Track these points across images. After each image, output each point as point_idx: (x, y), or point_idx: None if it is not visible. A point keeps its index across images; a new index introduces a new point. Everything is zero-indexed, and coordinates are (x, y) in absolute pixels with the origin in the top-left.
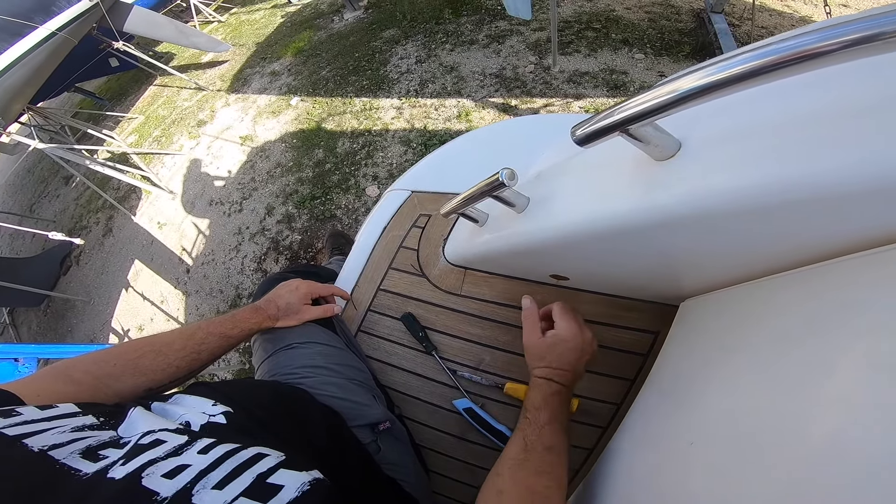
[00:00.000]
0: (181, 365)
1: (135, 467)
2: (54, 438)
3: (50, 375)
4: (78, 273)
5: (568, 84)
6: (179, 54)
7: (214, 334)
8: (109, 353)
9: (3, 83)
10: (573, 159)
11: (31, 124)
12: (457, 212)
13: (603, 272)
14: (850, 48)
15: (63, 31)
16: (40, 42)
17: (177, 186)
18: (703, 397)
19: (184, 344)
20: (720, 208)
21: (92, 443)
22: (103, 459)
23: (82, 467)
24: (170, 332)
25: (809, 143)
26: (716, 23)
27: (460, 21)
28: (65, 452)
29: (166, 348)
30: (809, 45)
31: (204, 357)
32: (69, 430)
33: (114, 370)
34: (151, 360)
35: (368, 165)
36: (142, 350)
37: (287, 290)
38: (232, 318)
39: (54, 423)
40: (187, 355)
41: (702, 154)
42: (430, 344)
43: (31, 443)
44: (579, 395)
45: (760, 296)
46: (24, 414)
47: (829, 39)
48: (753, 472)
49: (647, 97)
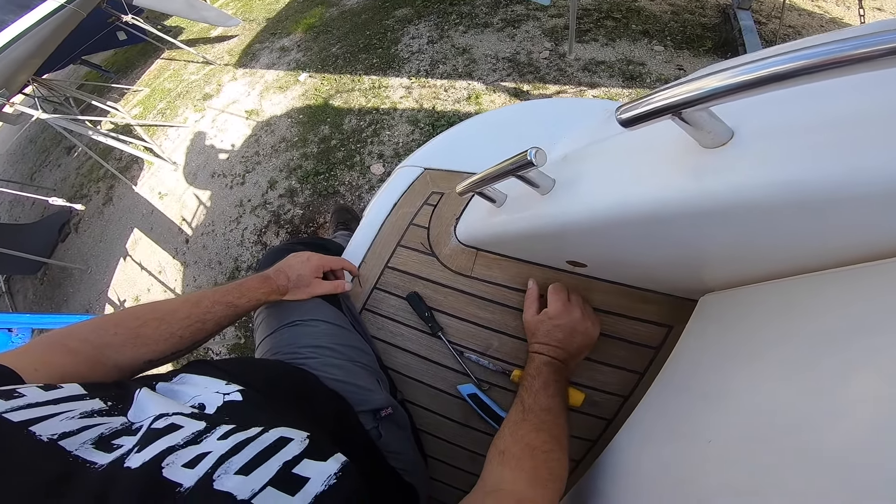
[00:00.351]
0: (185, 335)
1: (152, 455)
2: (64, 426)
3: (45, 345)
4: (76, 241)
5: (583, 72)
6: (188, 28)
7: (221, 303)
8: (109, 321)
9: (10, 55)
10: (607, 142)
11: (35, 95)
12: (475, 190)
13: (623, 261)
14: None
15: (72, 3)
16: (49, 14)
17: (179, 158)
18: (724, 395)
19: (188, 312)
20: (771, 200)
21: (104, 431)
22: (118, 449)
23: (97, 459)
24: (173, 300)
25: (866, 140)
26: (742, 19)
27: (475, 3)
28: (76, 442)
29: (170, 316)
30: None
31: (209, 327)
32: (78, 415)
33: (114, 339)
34: (154, 329)
35: (374, 143)
36: (144, 318)
37: (298, 262)
38: (239, 286)
39: (61, 407)
40: (192, 324)
41: (755, 144)
42: (436, 325)
43: (39, 430)
44: (587, 387)
45: (796, 294)
46: (27, 396)
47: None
48: (776, 472)
49: (707, 81)
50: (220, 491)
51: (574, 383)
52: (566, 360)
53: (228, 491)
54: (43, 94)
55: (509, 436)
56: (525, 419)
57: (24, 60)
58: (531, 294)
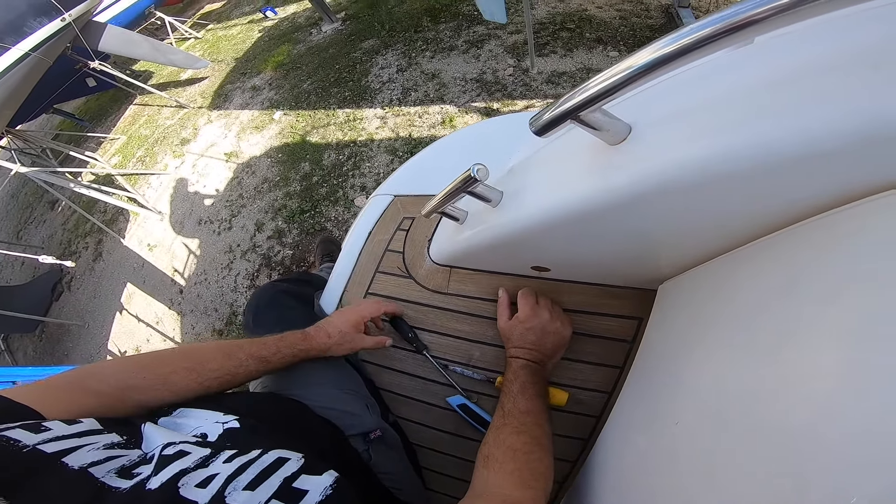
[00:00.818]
0: (212, 385)
1: (168, 477)
2: (91, 456)
3: (66, 386)
4: (70, 298)
5: (547, 85)
6: (158, 72)
7: (255, 357)
8: (133, 364)
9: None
10: (539, 151)
11: (10, 148)
12: (437, 211)
13: (580, 260)
14: (783, 13)
15: (36, 51)
16: (14, 63)
17: (164, 207)
18: (683, 376)
19: (221, 364)
20: (672, 184)
21: (125, 462)
22: (137, 476)
23: (120, 485)
24: (207, 347)
25: (745, 114)
26: (684, 17)
27: (439, 28)
28: (103, 471)
29: (200, 367)
30: (734, 16)
31: (238, 380)
32: (102, 447)
33: (141, 382)
34: (183, 378)
35: (356, 176)
36: (174, 365)
37: (340, 320)
38: (277, 342)
39: (85, 440)
40: (222, 376)
41: (651, 134)
42: (420, 343)
43: (70, 461)
44: (569, 386)
45: (729, 270)
46: (54, 429)
47: (758, 7)
48: (735, 444)
49: (591, 84)
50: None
51: (556, 383)
52: (542, 361)
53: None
54: (18, 146)
55: (492, 441)
56: (506, 423)
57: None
58: (502, 302)
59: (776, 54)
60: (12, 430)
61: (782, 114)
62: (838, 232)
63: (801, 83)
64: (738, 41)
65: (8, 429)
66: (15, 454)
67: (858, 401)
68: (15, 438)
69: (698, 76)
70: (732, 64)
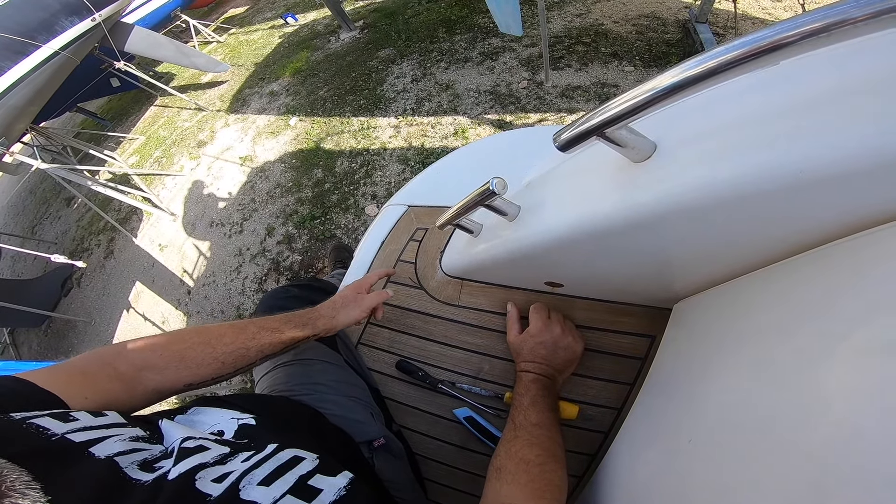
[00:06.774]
0: (227, 360)
1: (187, 468)
2: (117, 446)
3: (98, 365)
4: (79, 294)
5: (561, 99)
6: (179, 74)
7: (266, 328)
8: (155, 343)
9: (7, 102)
10: (560, 166)
11: (33, 144)
12: (451, 223)
13: (595, 277)
14: (809, 38)
15: (65, 50)
16: (43, 61)
17: (178, 208)
18: (698, 394)
19: (234, 337)
20: (696, 204)
21: (147, 457)
22: (159, 469)
23: (141, 477)
24: (220, 325)
25: (775, 133)
26: (701, 32)
27: (454, 39)
28: (126, 461)
29: (216, 340)
30: (761, 40)
31: (252, 354)
32: (128, 439)
33: (158, 361)
34: (199, 352)
35: (367, 184)
36: (190, 341)
37: (338, 295)
38: (286, 314)
39: (111, 431)
40: (236, 350)
41: (676, 153)
42: (433, 379)
43: (97, 451)
44: (580, 401)
45: (749, 290)
46: (81, 420)
47: (784, 32)
48: (751, 464)
49: (619, 101)
50: (246, 500)
51: (564, 398)
52: (552, 375)
53: (254, 500)
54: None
55: (504, 453)
56: (517, 436)
57: (22, 108)
58: (511, 316)
59: (807, 73)
60: (42, 419)
61: (815, 132)
62: (865, 256)
63: (833, 103)
64: (766, 64)
65: (37, 416)
66: (45, 441)
67: (882, 424)
68: (44, 426)
69: (724, 95)
70: (759, 83)
